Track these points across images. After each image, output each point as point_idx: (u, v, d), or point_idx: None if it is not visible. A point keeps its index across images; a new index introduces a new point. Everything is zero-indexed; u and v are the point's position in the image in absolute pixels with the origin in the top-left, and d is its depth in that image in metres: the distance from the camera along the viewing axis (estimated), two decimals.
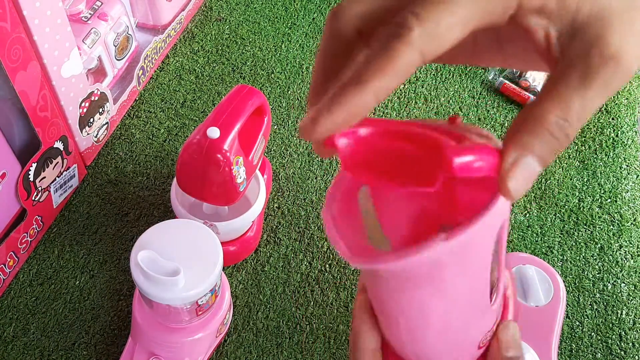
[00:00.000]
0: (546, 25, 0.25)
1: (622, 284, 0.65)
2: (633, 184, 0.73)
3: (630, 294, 0.65)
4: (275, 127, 0.75)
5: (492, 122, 0.77)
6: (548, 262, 0.61)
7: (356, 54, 0.27)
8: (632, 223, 0.70)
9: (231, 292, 0.62)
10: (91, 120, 0.67)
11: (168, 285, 0.47)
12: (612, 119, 0.79)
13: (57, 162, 0.62)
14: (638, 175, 0.74)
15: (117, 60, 0.71)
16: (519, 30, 0.25)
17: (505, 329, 0.34)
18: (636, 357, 0.61)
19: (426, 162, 0.24)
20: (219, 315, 0.55)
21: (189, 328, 0.53)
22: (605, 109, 0.80)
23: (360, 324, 0.35)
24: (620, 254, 0.67)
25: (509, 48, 0.28)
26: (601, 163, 0.74)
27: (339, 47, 0.27)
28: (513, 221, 0.69)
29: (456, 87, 0.80)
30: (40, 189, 0.61)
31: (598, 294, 0.64)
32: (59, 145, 0.62)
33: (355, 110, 0.24)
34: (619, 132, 0.77)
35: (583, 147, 0.76)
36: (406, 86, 0.80)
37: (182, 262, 0.47)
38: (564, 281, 0.59)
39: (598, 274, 0.66)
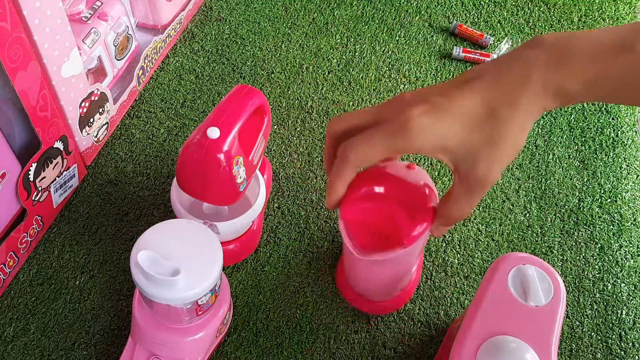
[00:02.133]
0: (445, 159, 0.44)
1: (622, 284, 0.65)
2: (633, 184, 0.73)
3: (630, 293, 0.65)
4: (275, 127, 0.75)
5: None
6: (548, 262, 0.61)
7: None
8: (632, 223, 0.70)
9: (231, 292, 0.62)
10: (91, 120, 0.67)
11: (168, 285, 0.47)
12: (612, 119, 0.79)
13: (57, 162, 0.63)
14: (638, 175, 0.74)
15: (117, 60, 0.71)
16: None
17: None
18: (636, 357, 0.61)
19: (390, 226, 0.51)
20: (219, 315, 0.55)
21: (189, 328, 0.53)
22: (605, 109, 0.80)
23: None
24: (620, 253, 0.67)
25: None
26: (601, 163, 0.74)
27: (333, 143, 0.47)
28: (513, 221, 0.69)
29: None
30: (40, 188, 0.61)
31: (598, 294, 0.64)
32: (59, 145, 0.62)
33: (336, 197, 0.48)
34: (619, 132, 0.77)
35: (583, 147, 0.76)
36: (406, 86, 0.80)
37: (182, 262, 0.47)
38: (564, 281, 0.59)
39: (598, 273, 0.66)
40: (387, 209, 0.50)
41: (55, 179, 0.63)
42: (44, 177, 0.61)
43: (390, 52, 0.84)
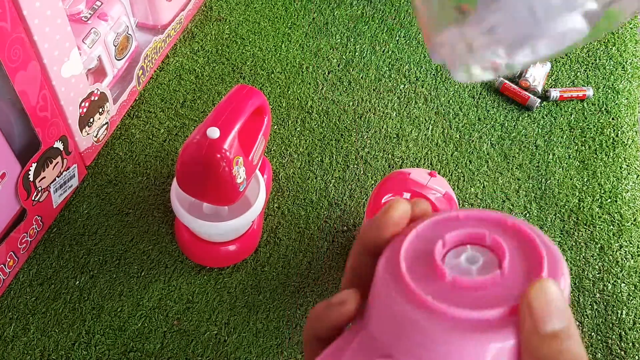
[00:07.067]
0: None
1: (622, 284, 0.65)
2: (633, 184, 0.73)
3: (631, 294, 0.65)
4: (275, 127, 0.75)
5: (492, 122, 0.77)
6: None
7: None
8: (632, 223, 0.70)
9: (231, 293, 0.62)
10: (91, 120, 0.67)
11: None
12: (612, 119, 0.79)
13: (57, 162, 0.63)
14: (638, 175, 0.74)
15: (117, 60, 0.71)
16: None
17: (540, 293, 0.23)
18: (636, 357, 0.61)
19: None
20: None
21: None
22: (605, 109, 0.80)
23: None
24: (620, 254, 0.67)
25: None
26: (601, 163, 0.74)
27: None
28: None
29: (456, 87, 0.80)
30: (40, 189, 0.61)
31: (598, 294, 0.64)
32: (58, 145, 0.62)
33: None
34: (619, 132, 0.77)
35: (583, 147, 0.76)
36: (406, 86, 0.80)
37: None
38: None
39: (598, 273, 0.66)
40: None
41: (55, 179, 0.63)
42: (44, 177, 0.61)
43: (390, 52, 0.84)
